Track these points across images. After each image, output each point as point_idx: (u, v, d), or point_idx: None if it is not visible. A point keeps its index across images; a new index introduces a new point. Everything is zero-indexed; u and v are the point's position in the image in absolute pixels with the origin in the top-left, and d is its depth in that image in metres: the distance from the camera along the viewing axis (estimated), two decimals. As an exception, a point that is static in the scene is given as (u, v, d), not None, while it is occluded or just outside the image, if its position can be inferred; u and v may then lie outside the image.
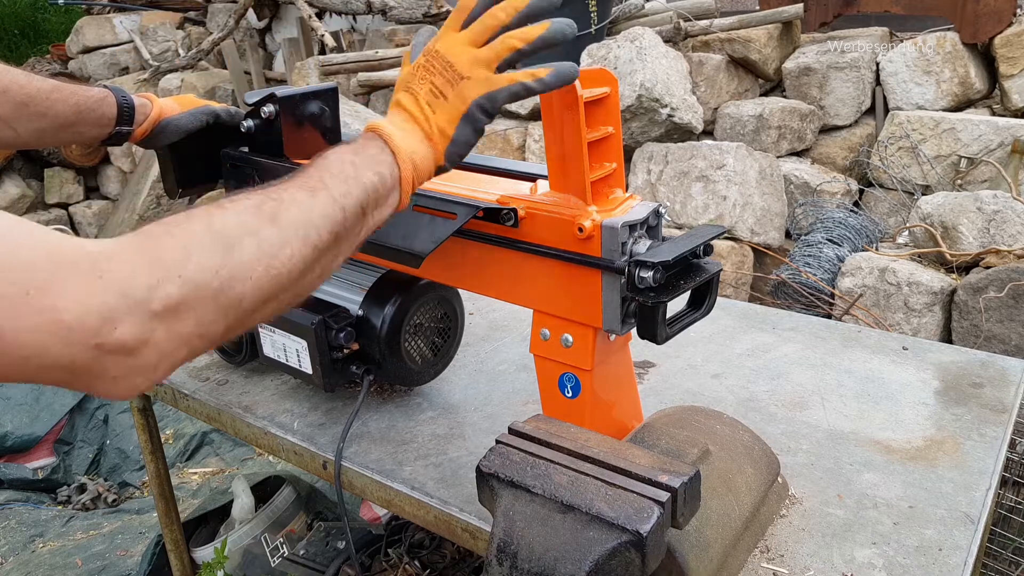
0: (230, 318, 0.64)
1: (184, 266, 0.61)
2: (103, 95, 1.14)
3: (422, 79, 0.80)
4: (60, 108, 1.09)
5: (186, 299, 0.60)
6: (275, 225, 0.67)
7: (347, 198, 0.72)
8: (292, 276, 0.68)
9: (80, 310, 0.55)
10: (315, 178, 0.73)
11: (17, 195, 5.61)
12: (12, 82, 1.04)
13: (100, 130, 1.16)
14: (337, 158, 0.76)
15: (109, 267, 0.57)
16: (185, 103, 1.24)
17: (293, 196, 0.70)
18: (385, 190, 0.76)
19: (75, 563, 2.32)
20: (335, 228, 0.71)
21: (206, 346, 0.64)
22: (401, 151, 0.77)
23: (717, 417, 1.05)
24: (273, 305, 0.68)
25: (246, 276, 0.64)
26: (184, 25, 6.63)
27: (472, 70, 0.78)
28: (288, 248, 0.67)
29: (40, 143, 1.13)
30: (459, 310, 1.27)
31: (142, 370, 0.59)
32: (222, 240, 0.64)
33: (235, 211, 0.68)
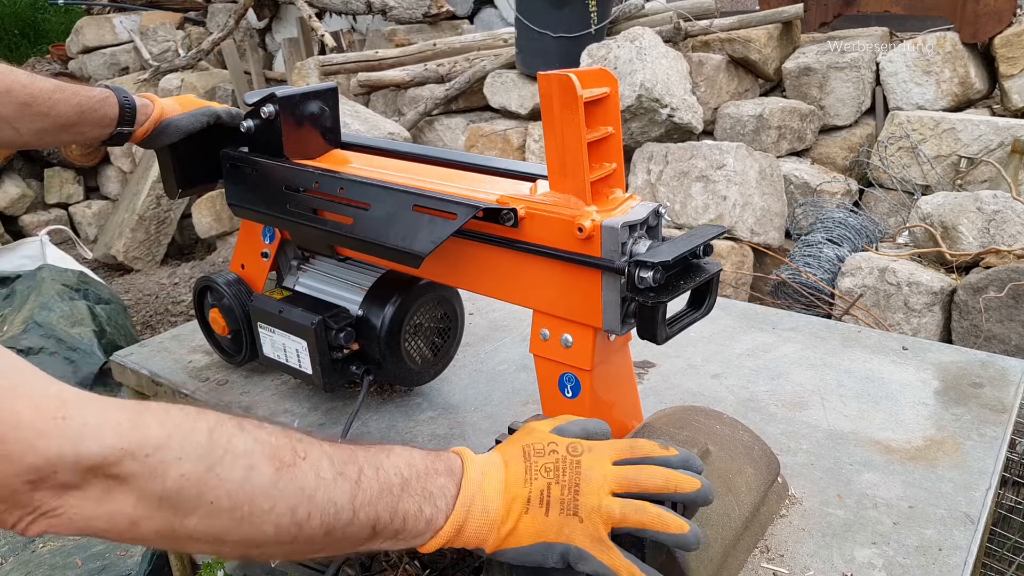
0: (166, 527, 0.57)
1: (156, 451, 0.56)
2: (105, 95, 1.14)
3: (546, 473, 0.70)
4: (62, 108, 1.09)
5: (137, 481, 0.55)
6: (276, 473, 0.61)
7: (366, 508, 0.64)
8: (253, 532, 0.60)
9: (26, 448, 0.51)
10: (355, 466, 0.65)
11: (17, 195, 5.61)
12: (15, 82, 1.05)
13: (101, 130, 1.16)
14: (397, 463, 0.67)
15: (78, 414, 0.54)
16: (186, 104, 1.24)
17: (318, 463, 0.63)
18: (412, 530, 0.67)
19: (75, 563, 2.32)
20: (332, 524, 0.63)
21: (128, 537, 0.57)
22: (460, 510, 0.68)
23: (717, 417, 1.05)
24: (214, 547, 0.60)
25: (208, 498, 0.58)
26: (184, 25, 6.63)
27: (591, 516, 0.68)
28: (270, 503, 0.60)
29: (42, 143, 1.14)
30: (459, 310, 1.27)
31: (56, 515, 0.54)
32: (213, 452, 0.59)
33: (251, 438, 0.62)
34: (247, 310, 1.29)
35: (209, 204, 4.85)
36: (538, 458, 0.71)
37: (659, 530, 0.68)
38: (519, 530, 0.69)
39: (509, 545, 0.69)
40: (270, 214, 1.22)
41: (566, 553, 0.68)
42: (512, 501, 0.69)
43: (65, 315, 3.38)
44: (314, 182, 1.14)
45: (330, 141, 1.27)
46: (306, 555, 0.65)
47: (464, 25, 5.63)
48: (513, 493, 0.69)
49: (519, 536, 0.69)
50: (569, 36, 3.93)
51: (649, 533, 0.69)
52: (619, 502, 0.69)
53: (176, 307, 4.56)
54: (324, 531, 0.63)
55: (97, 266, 5.28)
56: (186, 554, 0.61)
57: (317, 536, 0.63)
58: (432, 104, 4.33)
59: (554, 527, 0.68)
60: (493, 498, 0.69)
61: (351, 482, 0.64)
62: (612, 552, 0.68)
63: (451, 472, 0.70)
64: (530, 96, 4.10)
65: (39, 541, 2.51)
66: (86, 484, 0.54)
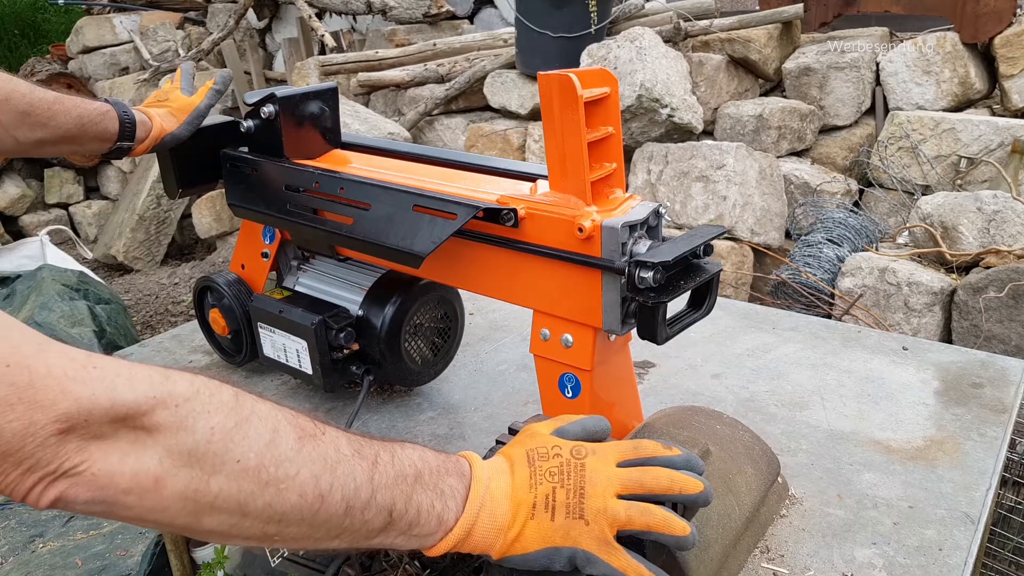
0: (190, 487, 0.56)
1: (187, 402, 0.56)
2: (105, 109, 1.15)
3: (551, 477, 0.70)
4: (62, 120, 1.10)
5: (167, 431, 0.55)
6: (299, 441, 0.60)
7: (384, 490, 0.64)
8: (278, 501, 0.59)
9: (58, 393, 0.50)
10: (371, 449, 0.65)
11: (17, 195, 5.61)
12: (14, 91, 1.05)
13: (101, 144, 1.17)
14: (413, 455, 0.67)
15: (108, 366, 0.54)
16: (180, 111, 1.25)
17: (337, 440, 0.63)
18: (424, 527, 0.67)
19: (75, 563, 2.32)
20: (352, 499, 0.62)
21: (147, 499, 0.55)
22: (469, 514, 0.68)
23: (717, 417, 1.05)
24: (234, 518, 0.59)
25: (235, 456, 0.57)
26: (184, 25, 6.63)
27: (596, 519, 0.68)
28: (295, 468, 0.59)
29: (41, 152, 1.15)
30: (459, 310, 1.27)
31: (78, 471, 0.52)
32: (239, 412, 0.58)
33: (272, 406, 0.61)
34: (247, 310, 1.29)
35: (209, 204, 4.85)
36: (542, 462, 0.71)
37: (664, 532, 0.68)
38: (525, 536, 0.68)
39: (515, 552, 0.69)
40: (270, 214, 1.22)
41: (573, 557, 0.68)
42: (518, 506, 0.69)
43: (65, 315, 3.39)
44: (314, 182, 1.14)
45: (330, 141, 1.27)
46: (322, 541, 0.63)
47: (464, 25, 5.63)
48: (519, 498, 0.69)
49: (525, 542, 0.68)
50: (569, 36, 3.93)
51: (654, 535, 0.69)
52: (624, 504, 0.69)
53: (176, 307, 4.56)
54: (344, 508, 0.62)
55: (97, 266, 5.28)
56: (201, 540, 0.58)
57: (336, 514, 0.62)
58: (432, 104, 4.33)
59: (560, 531, 0.68)
60: (501, 502, 0.69)
61: (369, 462, 0.64)
62: (619, 553, 0.68)
63: (461, 474, 0.70)
64: (530, 96, 4.10)
65: (39, 541, 2.51)
66: (115, 434, 0.53)
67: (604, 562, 0.68)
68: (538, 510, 0.69)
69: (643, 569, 0.68)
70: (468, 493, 0.69)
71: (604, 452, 0.73)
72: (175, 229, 5.38)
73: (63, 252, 4.53)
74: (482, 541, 0.69)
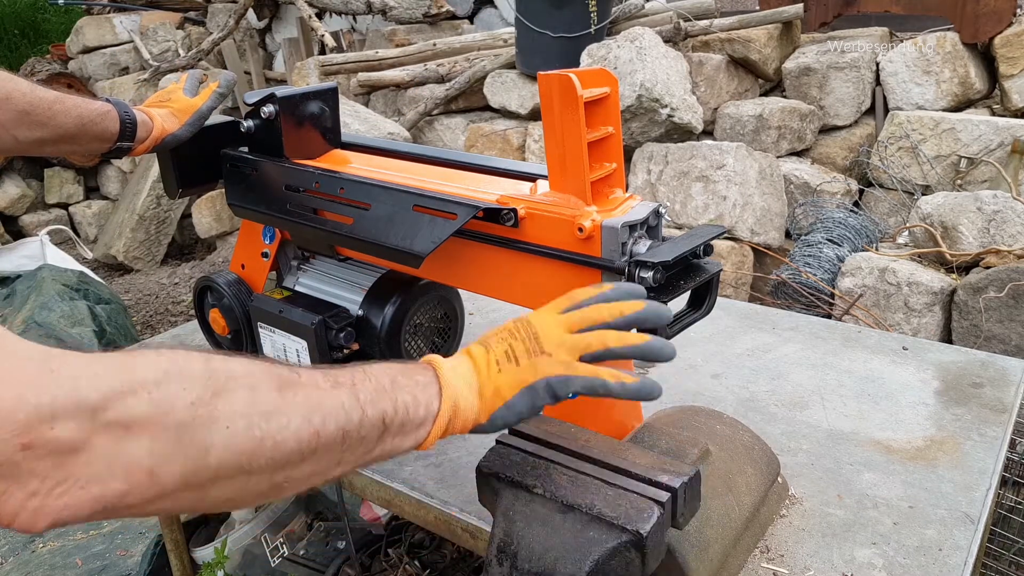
0: (189, 467, 0.54)
1: (158, 386, 0.53)
2: (106, 109, 1.15)
3: (502, 339, 0.76)
4: (62, 119, 1.10)
5: (147, 420, 0.52)
6: (279, 391, 0.61)
7: (371, 405, 0.66)
8: (278, 451, 0.59)
9: (14, 401, 0.47)
10: (346, 376, 0.68)
11: (17, 195, 5.61)
12: (15, 90, 1.05)
13: (101, 144, 1.17)
14: (380, 368, 0.72)
15: (67, 365, 0.50)
16: (182, 112, 1.24)
17: (313, 378, 0.65)
18: (415, 419, 0.70)
19: (75, 563, 2.32)
20: (346, 425, 0.64)
21: (151, 495, 0.53)
22: (448, 390, 0.72)
23: (717, 417, 1.05)
24: (241, 480, 0.58)
25: (223, 423, 0.56)
26: (184, 25, 6.63)
27: (556, 350, 0.74)
28: (284, 417, 0.60)
29: (41, 152, 1.15)
30: (459, 310, 1.27)
31: (66, 489, 0.49)
32: (214, 379, 0.57)
33: (244, 362, 0.61)
34: (247, 310, 1.29)
35: (209, 204, 4.85)
36: (490, 339, 0.78)
37: (622, 345, 0.74)
38: (500, 388, 0.73)
39: (498, 405, 0.73)
40: (270, 214, 1.22)
41: (548, 386, 0.73)
42: (485, 369, 0.75)
43: (65, 315, 3.39)
44: (314, 182, 1.14)
45: (330, 141, 1.27)
46: (329, 471, 0.65)
47: (464, 25, 5.63)
48: (481, 364, 0.75)
49: (502, 392, 0.73)
50: (569, 36, 3.93)
51: (616, 351, 0.74)
52: (578, 335, 0.75)
53: (176, 307, 4.57)
54: (341, 436, 0.64)
55: (97, 266, 5.28)
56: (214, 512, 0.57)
57: (335, 443, 0.63)
58: (432, 104, 4.33)
59: (528, 371, 0.73)
60: (467, 374, 0.75)
61: (348, 387, 0.66)
62: (586, 366, 0.73)
63: (426, 368, 0.75)
64: (530, 96, 4.10)
65: (39, 541, 2.51)
66: (91, 440, 0.50)
67: (576, 377, 0.73)
68: (502, 363, 0.74)
69: (610, 370, 0.73)
70: (439, 378, 0.73)
71: (543, 309, 0.79)
72: (175, 229, 5.38)
73: (63, 252, 4.53)
74: (468, 411, 0.73)
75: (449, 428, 0.72)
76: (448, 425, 0.72)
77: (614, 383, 0.72)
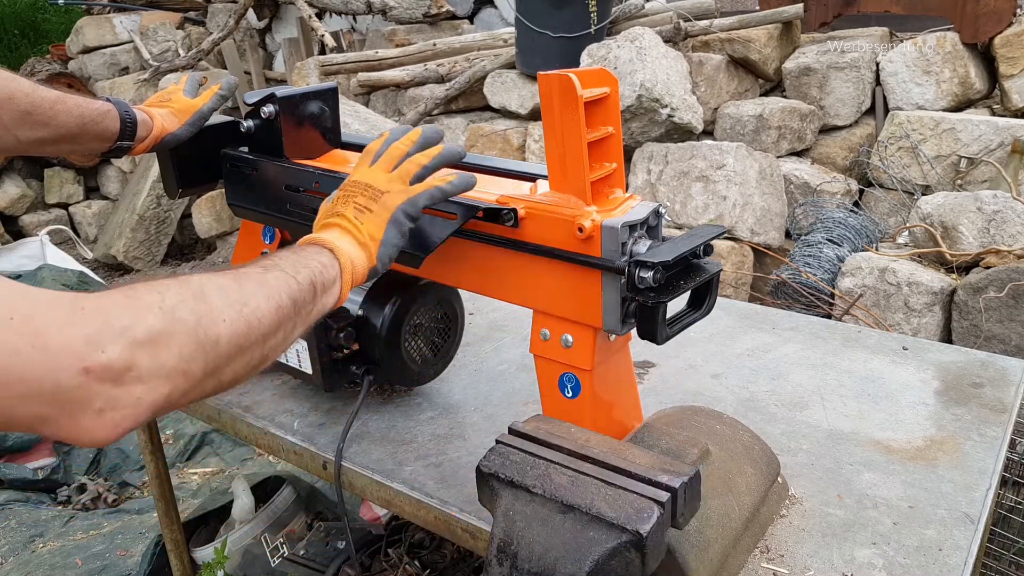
0: (209, 358, 0.66)
1: (162, 301, 0.64)
2: (106, 109, 1.15)
3: (344, 202, 0.90)
4: (63, 119, 1.10)
5: (167, 329, 0.63)
6: (237, 282, 0.73)
7: (298, 274, 0.79)
8: (261, 328, 0.72)
9: (65, 334, 0.55)
10: (266, 262, 0.79)
11: (17, 195, 5.61)
12: (17, 90, 1.06)
13: (101, 143, 1.17)
14: (283, 252, 0.83)
15: (90, 303, 0.59)
16: (182, 112, 1.24)
17: (248, 271, 0.76)
18: (330, 277, 0.82)
19: (75, 563, 2.32)
20: (294, 295, 0.77)
21: (186, 389, 0.65)
22: (340, 250, 0.85)
23: (717, 417, 1.05)
24: (246, 358, 0.72)
25: (219, 318, 0.68)
26: (184, 25, 6.63)
27: (390, 185, 0.90)
28: (254, 301, 0.72)
29: (42, 151, 1.15)
30: (459, 310, 1.27)
31: (127, 403, 0.59)
32: (193, 288, 0.68)
33: (199, 275, 0.72)
34: (247, 310, 1.29)
35: (209, 204, 4.85)
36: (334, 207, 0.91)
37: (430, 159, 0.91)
38: (372, 232, 0.88)
39: (378, 244, 0.88)
40: (270, 214, 1.22)
41: (404, 212, 0.89)
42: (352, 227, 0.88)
43: (65, 315, 3.38)
44: (314, 182, 1.14)
45: (330, 141, 1.27)
46: (292, 336, 0.78)
47: (464, 25, 5.63)
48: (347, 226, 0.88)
49: (375, 235, 0.88)
50: (569, 36, 3.93)
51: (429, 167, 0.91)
52: (396, 170, 0.91)
53: (176, 307, 4.56)
54: (292, 303, 0.76)
55: (97, 266, 5.28)
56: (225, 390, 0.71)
57: (291, 310, 0.76)
58: (432, 104, 4.33)
59: (382, 210, 0.88)
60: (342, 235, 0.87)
61: (276, 269, 0.78)
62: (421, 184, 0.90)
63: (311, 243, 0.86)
64: (530, 96, 4.10)
65: (39, 540, 2.51)
66: (135, 358, 0.60)
67: (418, 195, 0.89)
68: (360, 216, 0.88)
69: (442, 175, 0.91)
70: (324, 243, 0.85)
71: (354, 170, 0.93)
72: (175, 229, 5.38)
73: (63, 252, 4.53)
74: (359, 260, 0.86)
75: (353, 279, 0.85)
76: (352, 277, 0.85)
77: (445, 184, 0.90)
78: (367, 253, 0.87)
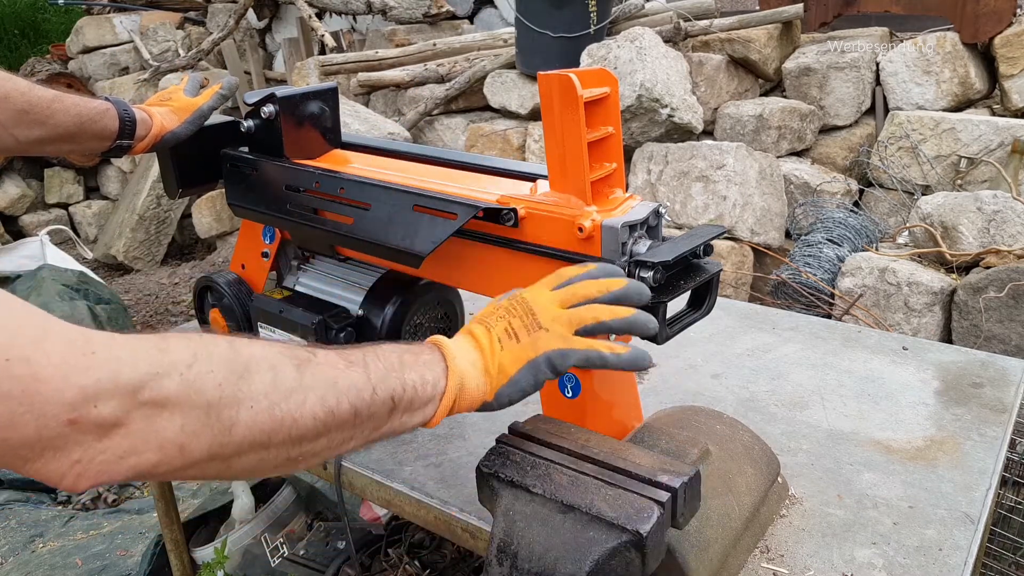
0: (215, 442, 0.60)
1: (191, 365, 0.59)
2: (105, 108, 1.15)
3: (500, 317, 0.79)
4: (61, 118, 1.10)
5: (179, 398, 0.57)
6: (298, 371, 0.65)
7: (381, 384, 0.70)
8: (295, 428, 0.64)
9: (61, 383, 0.52)
10: (357, 355, 0.71)
11: (17, 195, 5.61)
12: (13, 89, 1.05)
13: (100, 143, 1.17)
14: (388, 348, 0.74)
15: (106, 347, 0.55)
16: (180, 110, 1.24)
17: (328, 358, 0.69)
18: (423, 397, 0.73)
19: (75, 563, 2.32)
20: (358, 404, 0.68)
21: (181, 465, 0.59)
22: (454, 368, 0.75)
23: (717, 417, 1.05)
24: (260, 454, 0.63)
25: (248, 403, 0.61)
26: (184, 25, 6.63)
27: (553, 324, 0.77)
28: (302, 396, 0.64)
29: (41, 151, 1.15)
30: (459, 310, 1.27)
31: (105, 460, 0.55)
32: (239, 362, 0.62)
33: (264, 345, 0.66)
34: (247, 310, 1.29)
35: (209, 204, 4.85)
36: (488, 317, 0.80)
37: (613, 318, 0.77)
38: (504, 365, 0.76)
39: (502, 382, 0.76)
40: (270, 214, 1.22)
41: (549, 360, 0.76)
42: (487, 349, 0.77)
43: (65, 315, 3.38)
44: (314, 182, 1.14)
45: (330, 141, 1.27)
46: (341, 447, 0.69)
47: (464, 25, 5.63)
48: (484, 343, 0.78)
49: (506, 370, 0.76)
50: (569, 36, 3.93)
51: (608, 324, 0.77)
52: (572, 310, 0.78)
53: (176, 307, 4.57)
54: (353, 412, 0.67)
55: (97, 266, 5.28)
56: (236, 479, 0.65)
57: (348, 420, 0.67)
58: (432, 104, 4.33)
59: (528, 347, 0.76)
60: (471, 353, 0.77)
61: (360, 367, 0.70)
62: (582, 340, 0.77)
63: (432, 348, 0.77)
64: (530, 96, 4.10)
65: (39, 540, 2.51)
66: (129, 417, 0.55)
67: (574, 350, 0.76)
68: (504, 341, 0.77)
69: (605, 342, 0.77)
70: (444, 357, 0.76)
71: (534, 287, 0.82)
72: (175, 229, 5.38)
73: (63, 252, 4.53)
74: (475, 390, 0.76)
75: (456, 406, 0.75)
76: (455, 403, 0.75)
77: (609, 354, 0.76)
78: (488, 384, 0.76)
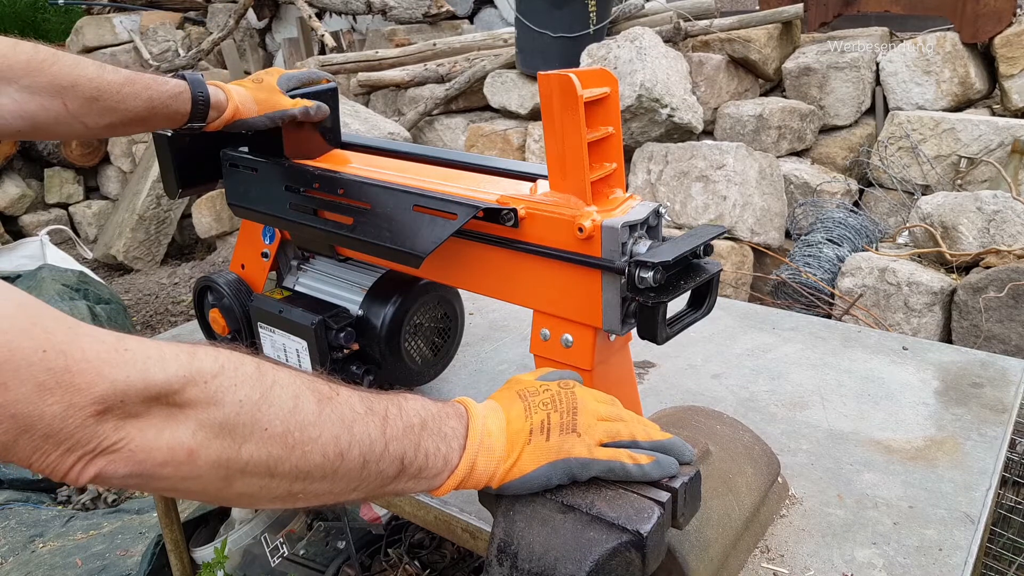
0: (223, 456, 0.59)
1: (214, 378, 0.59)
2: (179, 91, 1.10)
3: (544, 405, 0.75)
4: (132, 103, 1.05)
5: (198, 405, 0.58)
6: (318, 405, 0.64)
7: (395, 443, 0.68)
8: (304, 461, 0.63)
9: (94, 376, 0.53)
10: (381, 404, 0.70)
11: (17, 195, 5.61)
12: (81, 75, 1.01)
13: (171, 124, 1.13)
14: (415, 405, 0.72)
15: (137, 348, 0.56)
16: (263, 102, 1.18)
17: (349, 400, 0.68)
18: (432, 468, 0.71)
19: (75, 563, 2.32)
20: (368, 455, 0.66)
21: (184, 472, 0.58)
22: (471, 448, 0.72)
23: (717, 417, 1.05)
24: (264, 480, 0.63)
25: (263, 425, 0.61)
26: (184, 25, 6.63)
27: (588, 431, 0.74)
28: (317, 431, 0.63)
29: (112, 134, 1.11)
30: (459, 310, 1.27)
31: (117, 450, 0.55)
32: (262, 383, 0.62)
33: (290, 373, 0.65)
34: (247, 310, 1.29)
35: (209, 204, 4.85)
36: (534, 397, 0.77)
37: (648, 439, 0.75)
38: (523, 460, 0.73)
39: (512, 477, 0.73)
40: (270, 214, 1.22)
41: (568, 467, 0.72)
42: (516, 435, 0.74)
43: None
44: (314, 182, 1.14)
45: (330, 141, 1.27)
46: (342, 495, 0.68)
47: (464, 25, 5.63)
48: (515, 428, 0.74)
49: (522, 466, 0.73)
50: (569, 36, 3.93)
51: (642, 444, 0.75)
52: (608, 423, 0.75)
53: (176, 307, 4.57)
54: (362, 462, 0.66)
55: (97, 266, 5.28)
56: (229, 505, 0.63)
57: (355, 468, 0.66)
58: (432, 104, 4.33)
59: (554, 448, 0.73)
60: (497, 436, 0.74)
61: (380, 418, 0.68)
62: (608, 451, 0.74)
63: (459, 416, 0.74)
64: (530, 96, 4.10)
65: (39, 541, 2.51)
66: (148, 413, 0.56)
67: (597, 461, 0.73)
68: (535, 435, 0.74)
69: (637, 455, 0.74)
70: (467, 432, 0.73)
71: (587, 390, 0.79)
72: (175, 229, 5.38)
73: (63, 252, 4.53)
74: (484, 474, 0.73)
75: (463, 484, 0.73)
76: (463, 481, 0.73)
77: (632, 465, 0.73)
78: (500, 473, 0.73)
